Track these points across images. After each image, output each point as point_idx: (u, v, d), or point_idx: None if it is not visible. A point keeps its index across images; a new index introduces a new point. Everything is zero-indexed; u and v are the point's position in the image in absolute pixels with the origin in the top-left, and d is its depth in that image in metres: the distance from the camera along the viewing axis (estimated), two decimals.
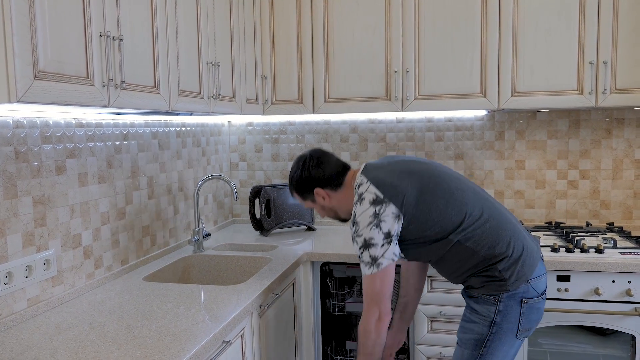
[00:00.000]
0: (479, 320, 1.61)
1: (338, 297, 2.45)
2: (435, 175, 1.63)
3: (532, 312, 1.60)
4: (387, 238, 1.55)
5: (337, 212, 1.78)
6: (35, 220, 1.58)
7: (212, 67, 2.05)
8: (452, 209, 1.58)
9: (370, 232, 1.54)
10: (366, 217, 1.55)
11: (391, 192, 1.56)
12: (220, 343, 1.44)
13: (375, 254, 1.55)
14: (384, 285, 1.58)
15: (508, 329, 1.59)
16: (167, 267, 2.13)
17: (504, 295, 1.57)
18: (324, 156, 1.75)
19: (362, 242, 1.56)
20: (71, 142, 1.73)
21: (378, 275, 1.56)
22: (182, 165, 2.47)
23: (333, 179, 1.72)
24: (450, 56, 2.39)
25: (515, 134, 2.70)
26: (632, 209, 2.62)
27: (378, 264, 1.55)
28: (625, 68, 2.25)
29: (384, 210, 1.54)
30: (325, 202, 1.75)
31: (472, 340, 1.62)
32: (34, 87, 1.15)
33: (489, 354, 1.60)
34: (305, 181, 1.74)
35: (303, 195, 1.78)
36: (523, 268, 1.58)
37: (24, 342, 1.36)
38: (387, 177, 1.60)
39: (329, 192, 1.73)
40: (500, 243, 1.57)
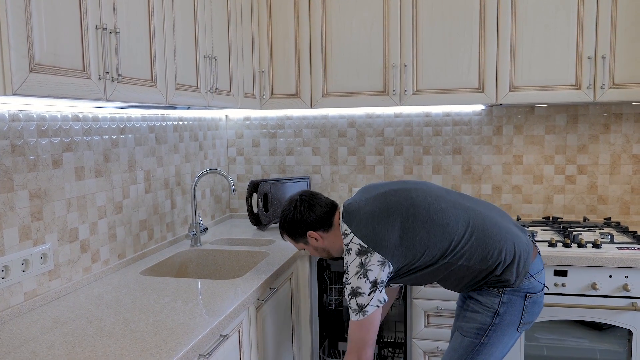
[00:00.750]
0: (482, 311, 1.64)
1: (335, 292, 2.45)
2: (414, 204, 1.64)
3: (534, 307, 1.66)
4: (373, 287, 1.60)
5: (330, 251, 1.81)
6: (31, 214, 1.57)
7: (209, 60, 2.04)
8: (435, 236, 1.60)
9: (358, 282, 1.60)
10: (354, 267, 1.61)
11: (374, 240, 1.60)
12: (217, 337, 1.44)
13: (363, 302, 1.60)
14: (369, 332, 1.64)
15: (511, 321, 1.63)
16: (165, 262, 2.13)
17: (508, 288, 1.61)
18: (313, 198, 1.77)
19: (350, 290, 1.62)
20: (68, 135, 1.72)
21: (364, 322, 1.62)
22: (179, 160, 2.47)
23: (324, 221, 1.75)
24: (448, 51, 2.38)
25: (513, 129, 2.70)
26: (630, 204, 2.62)
27: (364, 312, 1.61)
28: (624, 63, 2.24)
29: (369, 259, 1.59)
30: (319, 244, 1.78)
31: (473, 329, 1.65)
32: (30, 80, 1.14)
33: (490, 343, 1.64)
34: (298, 225, 1.76)
35: (296, 239, 1.80)
36: (521, 266, 1.61)
37: (21, 336, 1.35)
38: (368, 225, 1.62)
39: (321, 233, 1.76)
40: (490, 252, 1.60)
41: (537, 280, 1.64)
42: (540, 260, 1.69)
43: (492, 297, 1.63)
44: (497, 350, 1.65)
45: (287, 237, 1.82)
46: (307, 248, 1.83)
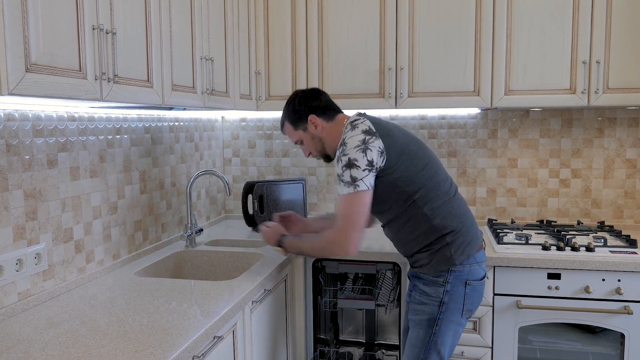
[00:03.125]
0: (429, 302, 1.74)
1: (330, 294, 2.46)
2: (422, 144, 1.80)
3: (474, 294, 1.75)
4: (369, 165, 1.64)
5: (325, 145, 1.85)
6: (26, 214, 1.57)
7: (205, 61, 2.05)
8: (427, 171, 1.72)
9: (356, 154, 1.64)
10: (355, 140, 1.66)
11: (383, 131, 1.69)
12: (211, 338, 1.44)
13: (356, 175, 1.64)
14: (360, 213, 1.66)
15: (455, 308, 1.73)
16: (159, 262, 2.13)
17: (450, 276, 1.71)
18: (319, 90, 1.88)
19: (346, 161, 1.65)
20: (63, 135, 1.72)
21: (355, 199, 1.65)
22: (175, 160, 2.47)
23: (328, 109, 1.82)
24: (444, 54, 2.40)
25: (508, 133, 2.72)
26: (623, 208, 2.64)
27: (356, 185, 1.64)
28: (618, 68, 2.26)
29: (372, 141, 1.66)
30: (317, 132, 1.82)
31: (424, 321, 1.74)
32: (26, 80, 1.14)
33: (441, 332, 1.73)
34: (301, 108, 1.82)
35: (296, 124, 1.84)
36: (469, 246, 1.72)
37: (14, 336, 1.35)
38: (382, 123, 1.75)
39: (323, 121, 1.81)
40: (453, 217, 1.72)
41: (480, 267, 1.75)
42: (484, 254, 1.80)
43: (436, 287, 1.72)
44: (450, 337, 1.75)
45: (288, 123, 1.86)
46: (304, 138, 1.86)
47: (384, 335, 2.68)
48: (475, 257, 1.74)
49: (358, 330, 2.74)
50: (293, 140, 1.91)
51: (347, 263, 2.35)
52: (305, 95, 1.84)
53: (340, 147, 1.69)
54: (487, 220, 2.74)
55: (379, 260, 2.22)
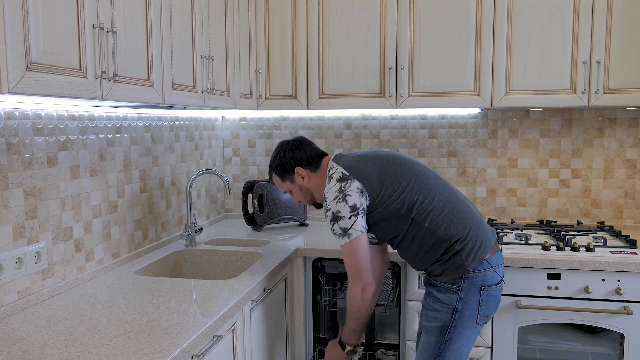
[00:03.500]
0: (442, 309, 1.72)
1: (330, 293, 2.46)
2: (399, 161, 1.79)
3: (490, 300, 1.73)
4: (353, 211, 1.67)
5: (314, 194, 1.89)
6: (26, 213, 1.57)
7: (206, 61, 2.05)
8: (413, 186, 1.71)
9: (337, 206, 1.68)
10: (333, 192, 1.70)
11: (356, 171, 1.73)
12: (211, 337, 1.44)
13: (345, 226, 1.68)
14: (361, 260, 1.71)
15: (469, 315, 1.70)
16: (159, 261, 2.13)
17: (464, 283, 1.68)
18: (304, 141, 1.90)
19: (331, 216, 1.70)
20: (63, 134, 1.72)
21: (351, 245, 1.69)
22: (175, 159, 2.46)
23: (313, 160, 1.86)
24: (444, 54, 2.39)
25: (508, 133, 2.71)
26: (623, 209, 2.64)
27: (348, 235, 1.68)
28: (618, 68, 2.26)
29: (348, 185, 1.69)
30: (304, 183, 1.86)
31: (437, 328, 1.73)
32: (26, 79, 1.14)
33: (453, 339, 1.71)
34: (287, 161, 1.86)
35: (283, 176, 1.88)
36: (479, 249, 1.69)
37: (14, 335, 1.35)
38: (354, 162, 1.77)
39: (309, 172, 1.85)
40: (456, 224, 1.69)
41: (496, 272, 1.73)
42: (501, 256, 1.78)
43: (450, 294, 1.70)
44: (462, 345, 1.73)
45: (275, 175, 1.90)
46: (292, 189, 1.90)
47: (383, 335, 2.68)
48: (490, 261, 1.71)
49: None
50: (282, 191, 1.95)
51: None
52: (290, 148, 1.87)
53: (324, 202, 1.74)
54: (487, 220, 2.74)
55: None
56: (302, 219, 2.81)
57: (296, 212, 2.79)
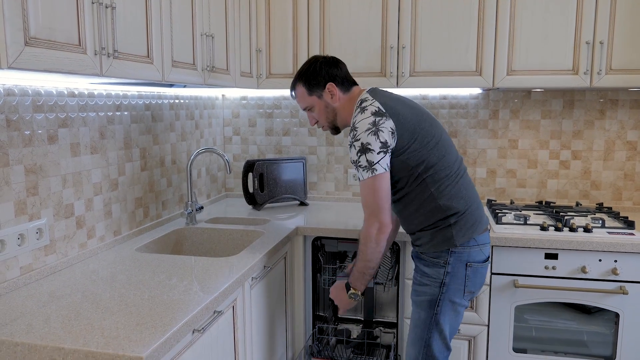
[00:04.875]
0: (430, 283, 1.74)
1: (329, 272, 2.48)
2: (432, 120, 1.76)
3: (476, 276, 1.75)
4: (383, 148, 1.62)
5: (337, 116, 1.81)
6: (27, 189, 1.57)
7: (206, 38, 2.03)
8: (438, 150, 1.70)
9: (368, 138, 1.62)
10: (365, 124, 1.63)
11: (393, 111, 1.66)
12: (212, 313, 1.46)
13: (372, 159, 1.62)
14: (382, 197, 1.65)
15: (456, 289, 1.73)
16: (160, 239, 2.15)
17: (451, 258, 1.71)
18: (339, 60, 1.82)
19: (359, 147, 1.63)
20: (63, 111, 1.72)
21: (374, 180, 1.63)
22: (175, 138, 2.46)
23: (345, 81, 1.79)
24: (446, 33, 2.37)
25: (509, 113, 2.71)
26: (622, 190, 2.65)
27: (373, 169, 1.62)
28: (621, 49, 2.24)
29: (383, 122, 1.63)
30: (332, 101, 1.78)
31: (426, 302, 1.75)
32: (25, 54, 1.14)
33: (442, 312, 1.74)
34: (321, 74, 1.77)
35: (311, 89, 1.79)
36: (471, 228, 1.71)
37: (18, 309, 1.37)
38: (391, 101, 1.70)
39: (340, 92, 1.78)
40: (459, 199, 1.70)
41: (481, 250, 1.74)
42: (488, 236, 1.79)
43: (437, 269, 1.72)
44: (452, 318, 1.76)
45: (302, 86, 1.81)
46: (315, 106, 1.81)
47: (382, 313, 2.71)
48: (477, 240, 1.73)
49: (356, 308, 2.77)
50: (303, 106, 1.85)
51: (346, 241, 2.37)
52: (326, 62, 1.79)
53: (351, 132, 1.67)
54: (486, 200, 2.75)
55: None
56: (302, 198, 2.82)
57: (296, 192, 2.80)
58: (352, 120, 1.70)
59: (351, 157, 1.68)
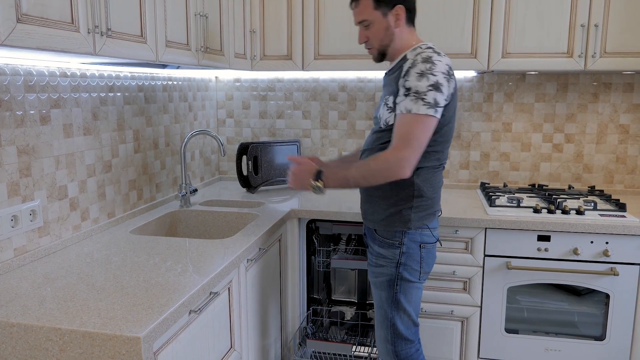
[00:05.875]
0: (386, 264, 1.75)
1: (323, 254, 2.49)
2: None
3: (429, 256, 1.77)
4: (447, 98, 1.60)
5: (392, 41, 1.70)
6: (20, 170, 1.56)
7: (200, 18, 2.00)
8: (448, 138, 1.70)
9: (444, 80, 1.57)
10: (443, 66, 1.58)
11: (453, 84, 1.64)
12: (208, 294, 1.47)
13: (439, 100, 1.56)
14: (424, 135, 1.56)
15: (412, 270, 1.74)
16: (154, 221, 2.14)
17: (405, 238, 1.71)
18: None
19: (434, 81, 1.55)
20: (55, 92, 1.69)
21: (431, 120, 1.55)
22: (168, 120, 2.44)
23: (413, 13, 1.73)
24: (442, 15, 2.36)
25: (503, 96, 2.71)
26: (614, 173, 2.67)
27: (435, 109, 1.55)
28: (616, 32, 2.24)
29: (450, 79, 1.61)
30: (394, 25, 1.68)
31: (384, 282, 1.76)
32: (17, 31, 1.12)
33: (402, 291, 1.75)
34: None
35: (379, 3, 1.66)
36: (427, 216, 1.73)
37: (12, 290, 1.36)
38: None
39: (404, 20, 1.69)
40: (431, 186, 1.71)
41: (432, 233, 1.76)
42: (437, 221, 1.81)
43: (393, 250, 1.72)
44: (413, 295, 1.77)
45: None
46: (374, 21, 1.69)
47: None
48: (432, 225, 1.75)
49: (350, 290, 2.79)
50: (359, 19, 1.71)
51: (340, 224, 2.38)
52: None
53: (426, 64, 1.55)
54: (479, 183, 2.76)
55: None
56: None
57: None
58: (423, 53, 1.58)
59: (413, 84, 1.55)
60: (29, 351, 1.18)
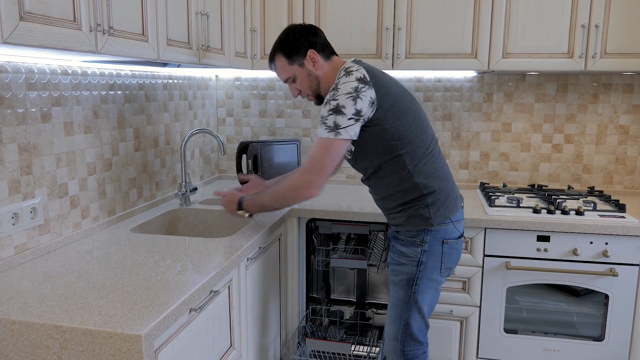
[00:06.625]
0: (407, 262, 1.75)
1: (323, 253, 2.49)
2: (414, 99, 1.75)
3: (452, 252, 1.76)
4: (356, 115, 1.60)
5: (320, 84, 1.76)
6: (21, 168, 1.56)
7: (201, 17, 2.00)
8: (416, 127, 1.68)
9: (345, 101, 1.59)
10: (347, 87, 1.60)
11: (377, 81, 1.64)
12: (208, 292, 1.47)
13: (340, 123, 1.60)
14: (332, 160, 1.63)
15: (433, 267, 1.74)
16: (154, 220, 2.14)
17: (427, 236, 1.71)
18: (318, 28, 1.78)
19: (334, 106, 1.60)
20: (56, 89, 1.69)
21: (332, 143, 1.61)
22: (168, 118, 2.44)
23: (326, 48, 1.76)
24: (442, 15, 2.36)
25: (503, 97, 2.71)
26: (613, 174, 2.68)
27: (337, 132, 1.60)
28: (616, 32, 2.25)
29: (365, 90, 1.60)
30: (314, 69, 1.74)
31: (404, 281, 1.76)
32: (20, 29, 1.12)
33: (421, 290, 1.75)
34: (300, 42, 1.72)
35: (291, 58, 1.74)
36: (447, 208, 1.72)
37: (13, 288, 1.36)
38: (377, 71, 1.69)
39: (321, 59, 1.74)
40: (435, 178, 1.71)
41: (456, 227, 1.75)
42: (462, 213, 1.80)
43: (414, 248, 1.73)
44: (430, 295, 1.77)
45: (282, 56, 1.75)
46: (297, 75, 1.76)
47: (374, 295, 2.74)
48: (452, 218, 1.74)
49: (349, 290, 2.80)
50: (284, 77, 1.80)
51: (340, 224, 2.38)
52: (304, 29, 1.74)
53: (332, 91, 1.63)
54: (479, 183, 2.76)
55: (372, 221, 2.24)
56: None
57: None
58: (336, 81, 1.65)
59: (321, 112, 1.64)
60: (31, 348, 1.19)
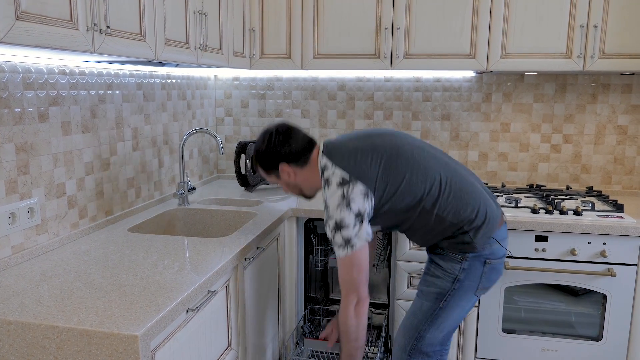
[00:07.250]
0: (443, 276, 1.67)
1: (321, 253, 2.49)
2: (397, 146, 1.64)
3: (492, 273, 1.68)
4: (358, 217, 1.54)
5: (302, 189, 1.76)
6: (18, 168, 1.55)
7: (199, 16, 2.00)
8: (418, 176, 1.60)
9: (341, 214, 1.54)
10: (335, 199, 1.55)
11: (356, 171, 1.57)
12: (205, 292, 1.47)
13: (348, 235, 1.55)
14: (360, 269, 1.59)
15: (469, 287, 1.66)
16: (152, 220, 2.14)
17: (470, 255, 1.63)
18: (290, 131, 1.69)
19: (333, 225, 1.56)
20: (54, 89, 1.69)
21: (354, 257, 1.56)
22: (167, 118, 2.44)
23: (299, 155, 1.68)
24: (441, 15, 2.36)
25: (502, 97, 2.71)
26: (612, 174, 2.67)
27: (352, 245, 1.55)
28: (615, 32, 2.25)
29: (351, 190, 1.55)
30: (290, 179, 1.72)
31: (433, 294, 1.68)
32: (16, 28, 1.11)
33: (448, 307, 1.67)
34: (270, 156, 1.69)
35: (267, 171, 1.74)
36: (487, 228, 1.63)
37: (10, 288, 1.36)
38: (351, 158, 1.59)
39: (295, 168, 1.70)
40: (464, 207, 1.61)
41: (502, 245, 1.68)
42: (506, 228, 1.73)
43: (453, 264, 1.65)
44: (455, 314, 1.69)
45: (259, 168, 1.76)
46: (278, 182, 1.77)
47: (373, 295, 2.73)
48: (496, 236, 1.65)
49: None
50: (269, 182, 1.79)
51: None
52: (276, 140, 1.68)
53: (325, 210, 1.59)
54: None
55: None
56: None
57: None
58: (323, 195, 1.61)
59: (327, 234, 1.59)
60: (27, 349, 1.18)
